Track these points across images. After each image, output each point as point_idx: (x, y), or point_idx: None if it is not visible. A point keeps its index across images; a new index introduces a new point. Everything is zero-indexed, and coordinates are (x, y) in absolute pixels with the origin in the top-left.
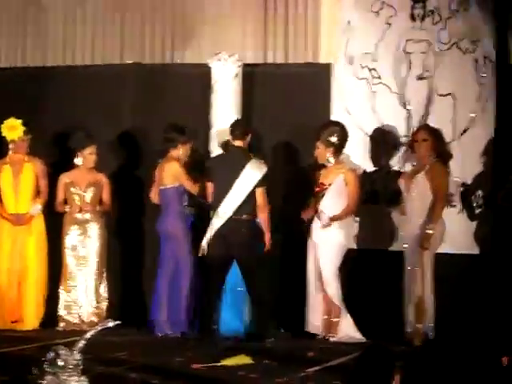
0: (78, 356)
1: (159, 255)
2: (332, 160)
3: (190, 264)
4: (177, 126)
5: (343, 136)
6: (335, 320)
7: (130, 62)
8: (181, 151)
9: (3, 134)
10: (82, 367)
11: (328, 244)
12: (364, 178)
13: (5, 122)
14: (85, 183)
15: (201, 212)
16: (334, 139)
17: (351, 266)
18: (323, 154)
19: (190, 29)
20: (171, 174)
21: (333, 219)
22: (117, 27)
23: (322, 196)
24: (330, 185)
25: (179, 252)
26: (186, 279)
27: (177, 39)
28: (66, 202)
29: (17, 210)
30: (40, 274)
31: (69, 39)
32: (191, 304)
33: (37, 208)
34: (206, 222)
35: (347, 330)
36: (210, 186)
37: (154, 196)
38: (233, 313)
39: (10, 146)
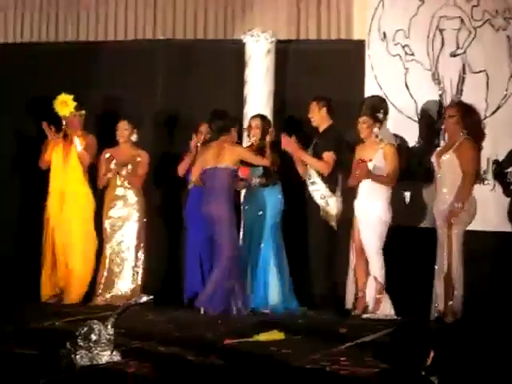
0: (111, 331)
1: (195, 234)
2: (378, 135)
3: (231, 249)
4: (223, 112)
5: (386, 111)
6: (378, 297)
7: (162, 37)
8: (233, 135)
9: (55, 110)
10: (114, 342)
11: (370, 220)
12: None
13: (57, 97)
14: (124, 159)
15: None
16: (380, 115)
17: (386, 243)
18: (369, 129)
19: (223, 5)
20: (233, 155)
21: (371, 176)
22: (149, 2)
23: None
24: (369, 160)
25: (220, 234)
26: (223, 264)
27: (209, 14)
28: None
29: (65, 186)
30: (86, 250)
31: (101, 15)
32: (225, 287)
33: (77, 142)
34: None
35: (386, 307)
36: (333, 157)
37: (181, 171)
38: (266, 288)
39: (63, 121)
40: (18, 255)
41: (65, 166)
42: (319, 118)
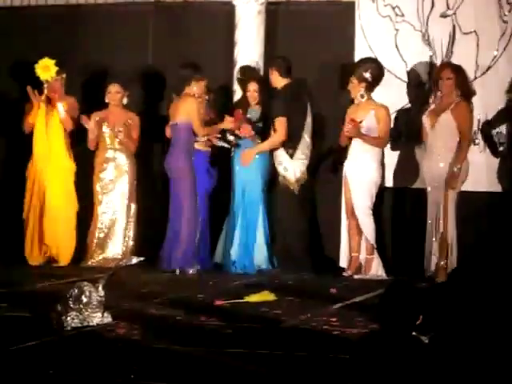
0: (101, 292)
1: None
2: (364, 95)
3: (192, 202)
4: (190, 63)
5: (377, 73)
6: (369, 257)
7: (152, 0)
8: (194, 88)
9: (37, 75)
10: (105, 303)
11: (360, 180)
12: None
13: (39, 61)
14: (115, 121)
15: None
16: (367, 75)
17: (375, 204)
18: (356, 88)
19: None
20: (185, 110)
21: (362, 136)
22: None
23: None
24: (361, 121)
25: (181, 189)
26: (187, 218)
27: None
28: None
29: (47, 144)
30: (68, 211)
31: None
32: (197, 242)
33: (60, 107)
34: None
35: (377, 268)
36: (284, 122)
37: (168, 132)
38: (250, 249)
39: (45, 85)
40: (2, 218)
41: (47, 130)
42: (273, 80)
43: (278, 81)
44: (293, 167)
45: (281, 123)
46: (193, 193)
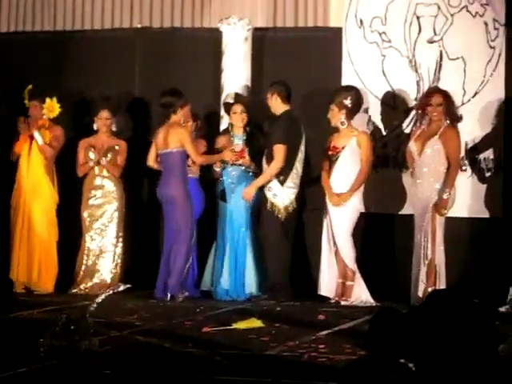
0: (89, 320)
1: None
2: (345, 122)
3: (189, 230)
4: (173, 90)
5: (357, 100)
6: (349, 284)
7: (139, 26)
8: (180, 115)
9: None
10: (93, 331)
11: (342, 208)
12: (374, 141)
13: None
14: (102, 148)
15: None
16: (347, 102)
17: (362, 230)
18: (336, 116)
19: None
20: (177, 138)
21: (350, 193)
22: None
23: (336, 159)
24: (342, 148)
25: (179, 217)
26: (183, 245)
27: (186, 3)
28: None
29: (28, 173)
30: (48, 238)
31: (78, 4)
32: (187, 269)
33: (36, 135)
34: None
35: (360, 293)
36: (283, 149)
37: (152, 162)
38: (241, 276)
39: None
40: None
41: (28, 157)
42: (273, 105)
43: (278, 107)
44: (282, 194)
45: (280, 150)
46: (191, 220)
